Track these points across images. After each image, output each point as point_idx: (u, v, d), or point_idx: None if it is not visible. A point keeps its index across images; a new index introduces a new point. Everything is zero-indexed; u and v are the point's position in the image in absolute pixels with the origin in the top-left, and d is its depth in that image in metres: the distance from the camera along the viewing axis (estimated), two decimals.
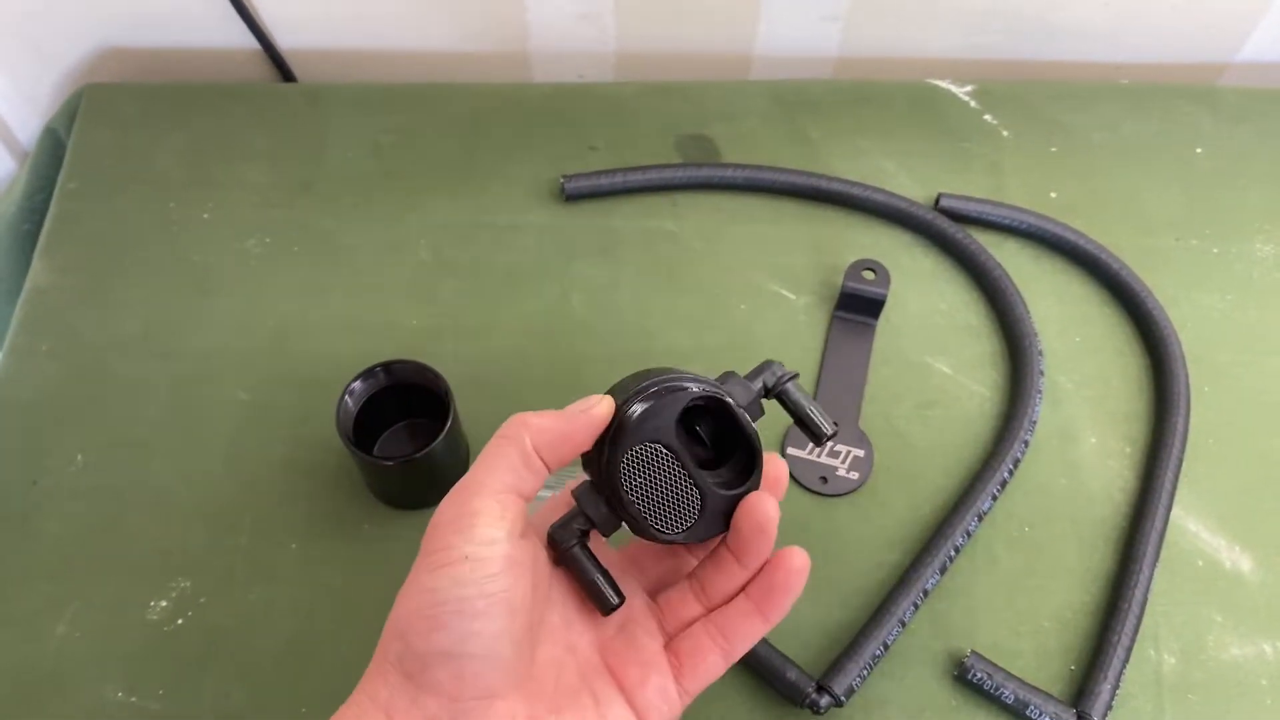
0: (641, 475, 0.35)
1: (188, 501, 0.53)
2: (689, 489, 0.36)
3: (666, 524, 0.36)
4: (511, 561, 0.33)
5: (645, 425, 0.35)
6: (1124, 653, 0.48)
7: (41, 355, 0.58)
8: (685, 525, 0.36)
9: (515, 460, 0.35)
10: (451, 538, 0.33)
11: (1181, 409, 0.55)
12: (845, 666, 0.47)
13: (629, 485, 0.35)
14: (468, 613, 0.32)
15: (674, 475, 0.35)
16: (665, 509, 0.36)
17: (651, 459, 0.35)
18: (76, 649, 0.49)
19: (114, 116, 0.67)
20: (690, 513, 0.36)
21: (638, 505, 0.35)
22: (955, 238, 0.60)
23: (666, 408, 0.35)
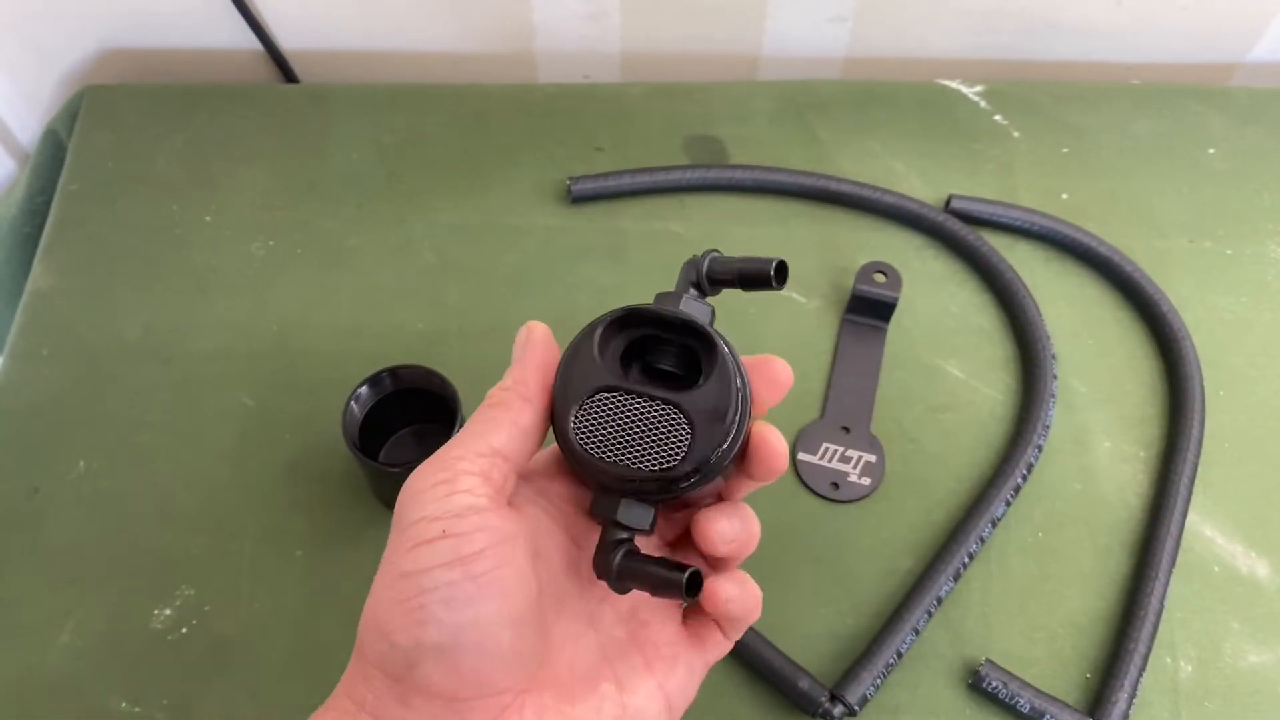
0: (604, 431, 0.30)
1: (191, 508, 0.53)
2: (665, 414, 0.30)
3: (659, 457, 0.30)
4: (501, 534, 0.29)
5: (574, 385, 0.31)
6: (1140, 660, 0.47)
7: (42, 359, 0.57)
8: (681, 449, 0.30)
9: (498, 417, 0.31)
10: (428, 508, 0.29)
11: (1196, 413, 0.54)
12: (859, 675, 0.46)
13: (598, 449, 0.30)
14: (456, 599, 0.28)
15: (641, 410, 0.30)
16: (649, 445, 0.30)
17: (605, 411, 0.30)
18: (80, 658, 0.49)
19: (115, 118, 0.67)
20: (681, 434, 0.30)
21: (620, 459, 0.30)
22: (966, 240, 0.59)
23: (583, 354, 0.31)
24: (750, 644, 0.48)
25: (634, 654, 0.33)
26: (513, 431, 0.31)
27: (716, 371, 0.30)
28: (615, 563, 0.31)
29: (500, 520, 0.29)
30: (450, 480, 0.29)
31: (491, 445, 0.30)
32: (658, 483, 0.30)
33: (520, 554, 0.30)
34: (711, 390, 0.30)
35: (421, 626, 0.28)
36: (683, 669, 0.33)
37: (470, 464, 0.30)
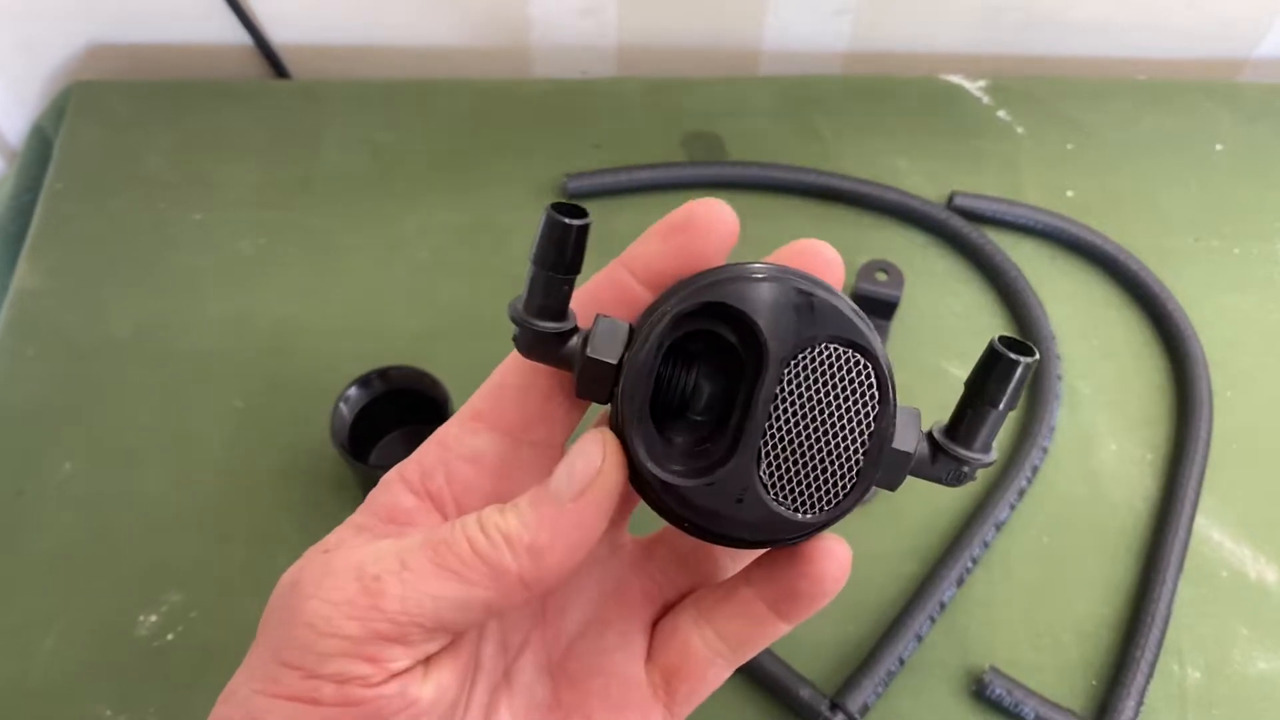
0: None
1: (179, 511, 0.52)
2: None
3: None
4: (398, 704, 0.22)
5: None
6: (1147, 668, 0.46)
7: (28, 360, 0.56)
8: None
9: (478, 599, 0.22)
10: (303, 655, 0.22)
11: (1204, 414, 0.53)
12: (860, 683, 0.46)
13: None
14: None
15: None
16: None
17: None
18: (65, 665, 0.48)
19: (103, 114, 0.66)
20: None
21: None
22: (970, 238, 0.58)
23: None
24: None
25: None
26: (479, 616, 0.23)
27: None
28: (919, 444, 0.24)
29: (402, 687, 0.22)
30: (357, 641, 0.22)
31: (440, 618, 0.22)
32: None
33: (420, 718, 0.23)
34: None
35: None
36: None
37: (396, 630, 0.22)
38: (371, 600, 0.22)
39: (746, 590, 0.26)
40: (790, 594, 0.25)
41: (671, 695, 0.26)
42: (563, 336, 0.24)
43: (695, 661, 0.26)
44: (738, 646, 0.26)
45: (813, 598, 0.25)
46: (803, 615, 0.25)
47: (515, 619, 0.27)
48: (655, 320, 0.23)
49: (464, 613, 0.22)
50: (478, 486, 0.25)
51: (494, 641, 0.26)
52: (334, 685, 0.22)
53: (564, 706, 0.26)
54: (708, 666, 0.26)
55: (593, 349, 0.24)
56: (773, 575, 0.25)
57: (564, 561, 0.23)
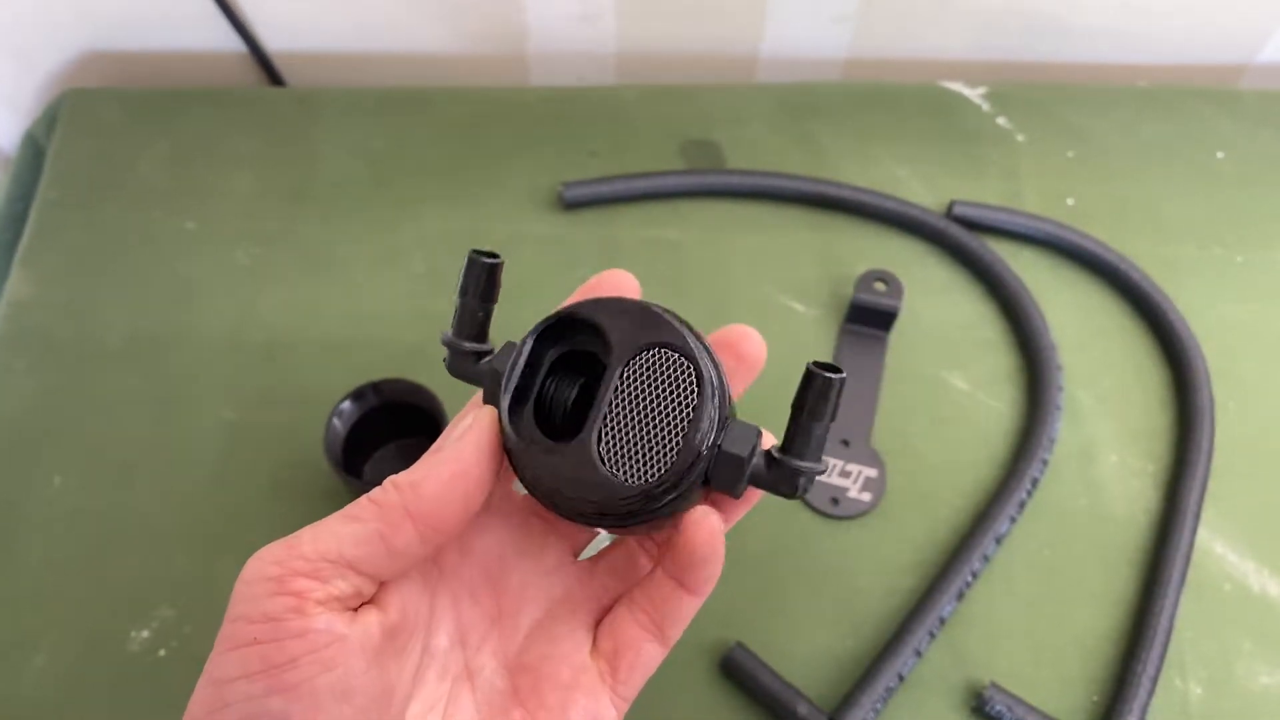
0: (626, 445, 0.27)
1: (171, 525, 0.51)
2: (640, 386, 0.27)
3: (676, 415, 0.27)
4: (325, 638, 0.25)
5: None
6: (1149, 682, 0.46)
7: (19, 371, 0.56)
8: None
9: (371, 530, 0.26)
10: (244, 608, 0.25)
11: (1206, 425, 0.52)
12: (858, 700, 0.45)
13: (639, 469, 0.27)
14: (260, 716, 0.25)
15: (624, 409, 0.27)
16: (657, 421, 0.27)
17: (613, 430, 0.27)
18: (56, 681, 0.47)
19: (96, 123, 0.65)
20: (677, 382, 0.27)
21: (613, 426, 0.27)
22: (970, 247, 0.58)
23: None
24: (746, 667, 0.46)
25: (513, 708, 0.29)
26: (377, 550, 0.26)
27: (607, 337, 0.28)
28: (754, 453, 0.27)
29: (327, 621, 0.25)
30: (279, 580, 0.25)
31: (344, 554, 0.26)
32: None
33: (351, 654, 0.26)
34: (626, 333, 0.28)
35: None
36: (580, 716, 0.29)
37: (309, 565, 0.26)
38: (288, 548, 0.26)
39: (659, 573, 0.30)
40: (683, 564, 0.28)
41: (615, 676, 0.30)
42: (479, 356, 0.30)
43: (630, 640, 0.30)
44: (661, 621, 0.30)
45: (696, 563, 0.28)
46: (699, 583, 0.29)
47: (474, 619, 0.30)
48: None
49: (364, 546, 0.26)
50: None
51: (448, 636, 0.30)
52: (269, 624, 0.25)
53: (520, 692, 0.30)
54: (641, 643, 0.30)
55: (494, 363, 0.29)
56: (671, 553, 0.29)
57: (440, 493, 0.27)
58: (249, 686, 0.25)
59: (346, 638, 0.26)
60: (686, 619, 0.30)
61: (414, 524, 0.27)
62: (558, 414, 0.29)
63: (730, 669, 0.47)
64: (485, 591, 0.31)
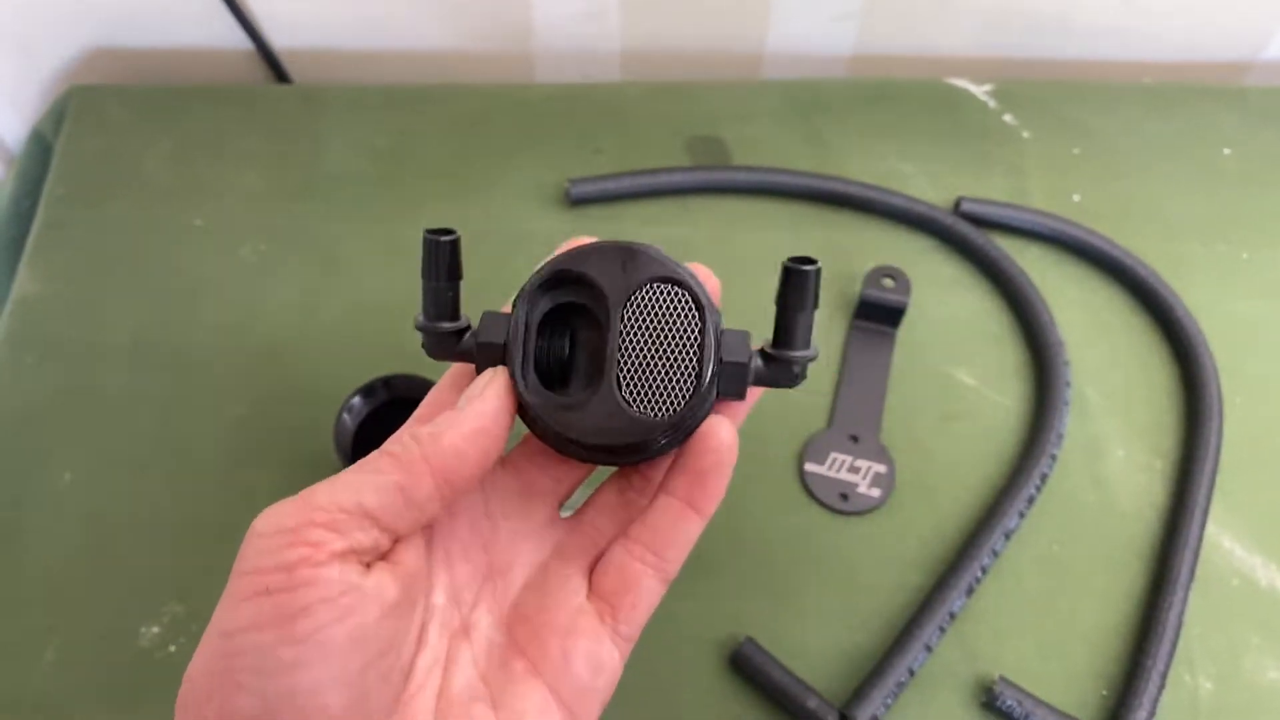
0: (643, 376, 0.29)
1: (180, 521, 0.51)
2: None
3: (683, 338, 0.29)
4: (338, 587, 0.25)
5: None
6: (1159, 677, 0.46)
7: (27, 368, 0.56)
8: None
9: (390, 480, 0.26)
10: (257, 559, 0.25)
11: (1213, 421, 0.53)
12: (869, 694, 0.45)
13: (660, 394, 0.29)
14: (269, 666, 0.24)
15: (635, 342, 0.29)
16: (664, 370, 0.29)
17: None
18: (66, 678, 0.47)
19: (103, 119, 0.65)
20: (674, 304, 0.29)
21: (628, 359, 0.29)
22: (977, 243, 0.58)
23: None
24: (756, 661, 0.46)
25: (514, 659, 0.29)
26: (395, 501, 0.26)
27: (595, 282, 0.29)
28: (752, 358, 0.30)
29: (341, 572, 0.25)
30: (295, 531, 0.25)
31: (362, 504, 0.26)
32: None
33: (367, 603, 0.26)
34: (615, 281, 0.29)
35: (232, 696, 0.24)
36: (581, 661, 0.29)
37: (326, 516, 0.25)
38: (304, 500, 0.26)
39: (662, 497, 0.30)
40: (697, 476, 0.29)
41: (615, 615, 0.30)
42: (459, 334, 0.31)
43: (630, 577, 0.30)
44: (661, 550, 0.30)
45: (714, 470, 0.29)
46: (710, 498, 0.30)
47: (466, 577, 0.30)
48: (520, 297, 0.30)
49: (384, 496, 0.26)
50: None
51: (444, 593, 0.29)
52: (282, 573, 0.25)
53: (519, 643, 0.29)
54: (640, 578, 0.30)
55: (482, 336, 0.29)
56: (682, 470, 0.30)
57: (460, 447, 0.27)
58: (259, 636, 0.24)
59: (362, 587, 0.26)
60: (689, 544, 0.30)
61: (433, 477, 0.27)
62: (555, 369, 0.30)
63: (740, 664, 0.47)
64: (476, 549, 0.31)
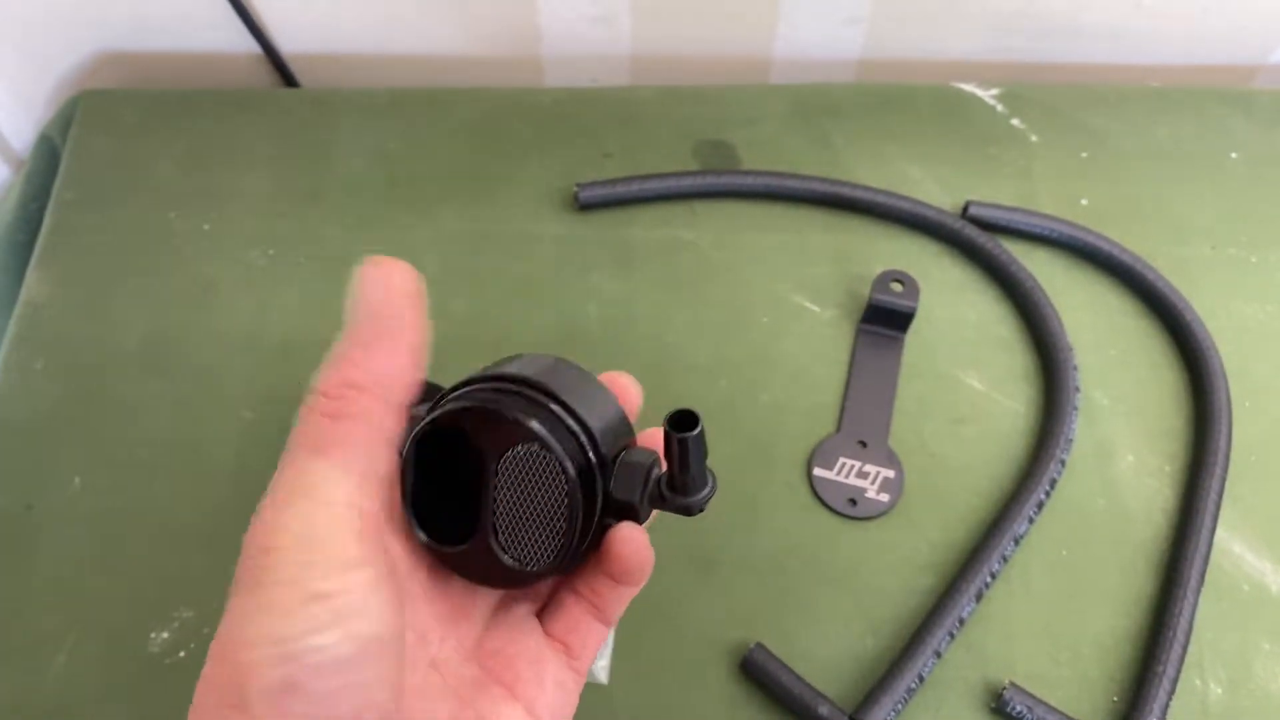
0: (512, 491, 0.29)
1: (190, 526, 0.51)
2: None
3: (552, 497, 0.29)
4: (376, 583, 0.26)
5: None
6: (1169, 683, 0.46)
7: (37, 372, 0.56)
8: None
9: (367, 435, 0.27)
10: (293, 568, 0.25)
11: (1223, 425, 0.52)
12: (879, 700, 0.45)
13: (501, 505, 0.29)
14: (329, 667, 0.24)
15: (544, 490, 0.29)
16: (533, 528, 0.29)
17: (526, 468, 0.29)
18: (77, 682, 0.47)
19: (112, 124, 0.65)
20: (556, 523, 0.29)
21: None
22: (985, 247, 0.58)
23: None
24: (766, 668, 0.46)
25: (492, 686, 0.30)
26: (379, 454, 0.28)
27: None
28: (646, 493, 0.30)
29: (376, 566, 0.26)
30: (324, 533, 0.26)
31: (367, 474, 0.27)
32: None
33: (394, 599, 0.26)
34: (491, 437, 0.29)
35: (288, 696, 0.24)
36: (551, 684, 0.31)
37: (341, 509, 0.26)
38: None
39: (595, 568, 0.31)
40: (618, 572, 0.30)
41: (570, 653, 0.32)
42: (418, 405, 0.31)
43: (579, 622, 0.32)
44: (604, 606, 0.32)
45: (631, 571, 0.30)
46: (636, 581, 0.30)
47: (429, 620, 0.30)
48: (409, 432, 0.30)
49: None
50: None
51: (412, 632, 0.29)
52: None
53: (493, 673, 0.30)
54: (590, 623, 0.32)
55: (415, 413, 0.30)
56: (606, 562, 0.30)
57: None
58: (318, 639, 0.25)
59: (387, 578, 0.27)
60: (627, 603, 0.32)
61: (395, 413, 0.28)
62: (447, 506, 0.30)
63: (750, 669, 0.47)
64: (437, 594, 0.31)
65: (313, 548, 0.25)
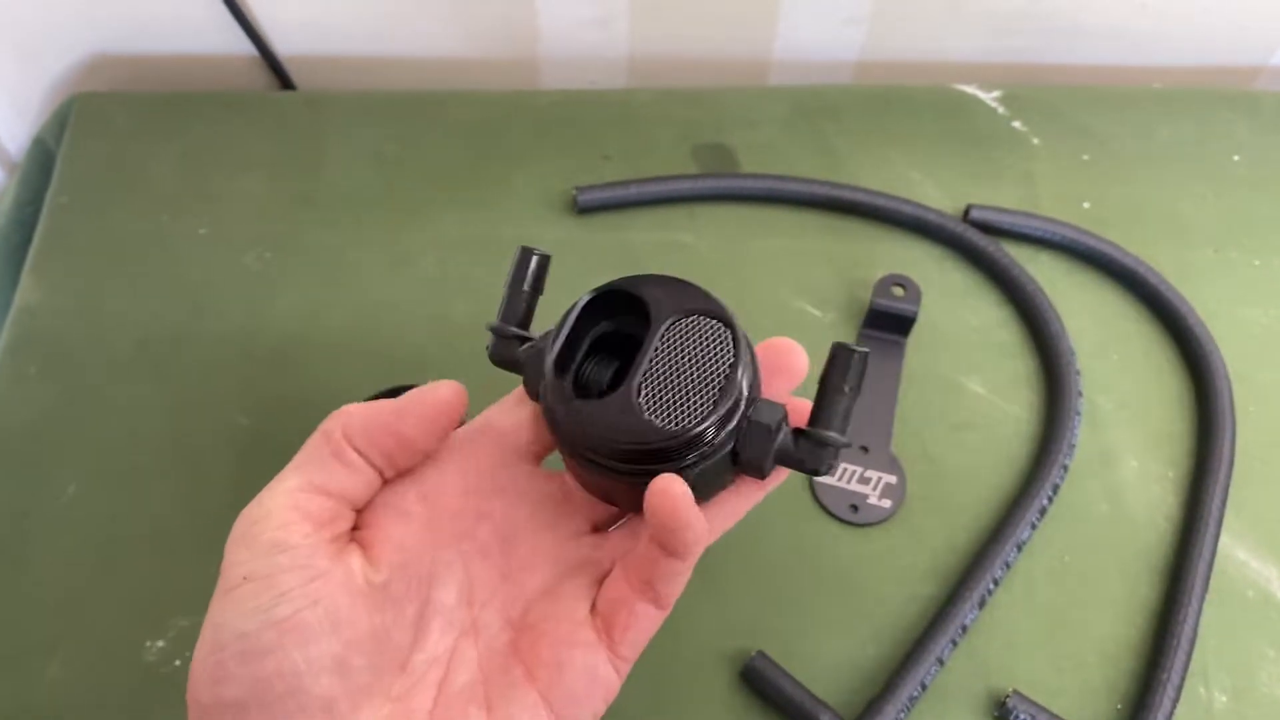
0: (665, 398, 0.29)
1: (186, 533, 0.51)
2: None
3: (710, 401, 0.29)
4: (312, 572, 0.27)
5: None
6: (1173, 691, 0.46)
7: (30, 378, 0.56)
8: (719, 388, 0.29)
9: (323, 452, 0.29)
10: (236, 553, 0.27)
11: (1226, 430, 0.52)
12: (881, 708, 0.45)
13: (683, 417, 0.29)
14: (253, 651, 0.26)
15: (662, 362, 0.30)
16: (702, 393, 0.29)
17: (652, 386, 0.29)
18: (71, 692, 0.47)
19: (106, 126, 0.65)
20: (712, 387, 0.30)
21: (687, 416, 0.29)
22: (987, 251, 0.58)
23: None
24: (767, 675, 0.46)
25: (514, 664, 0.30)
26: (345, 474, 0.30)
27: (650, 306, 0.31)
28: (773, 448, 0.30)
29: (311, 555, 0.28)
30: (262, 519, 0.28)
31: (314, 481, 0.29)
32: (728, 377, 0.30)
33: (336, 589, 0.28)
34: (666, 301, 0.31)
35: (220, 684, 0.26)
36: (578, 673, 0.30)
37: (286, 499, 0.28)
38: (269, 489, 0.30)
39: (647, 540, 0.30)
40: (657, 531, 0.29)
41: (611, 635, 0.30)
42: (522, 341, 0.33)
43: (622, 599, 0.30)
44: (650, 582, 0.30)
45: (668, 530, 0.29)
46: (678, 547, 0.29)
47: (483, 577, 0.31)
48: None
49: (325, 467, 0.30)
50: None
51: (456, 591, 0.31)
52: (259, 560, 0.28)
53: (520, 650, 0.31)
54: (634, 602, 0.30)
55: (535, 346, 0.32)
56: (650, 520, 0.30)
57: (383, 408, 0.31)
58: (243, 623, 0.26)
59: (330, 572, 0.28)
60: (677, 579, 0.30)
61: (355, 469, 0.30)
62: (594, 392, 0.31)
63: (751, 678, 0.46)
64: (497, 551, 0.32)
65: (254, 528, 0.28)
